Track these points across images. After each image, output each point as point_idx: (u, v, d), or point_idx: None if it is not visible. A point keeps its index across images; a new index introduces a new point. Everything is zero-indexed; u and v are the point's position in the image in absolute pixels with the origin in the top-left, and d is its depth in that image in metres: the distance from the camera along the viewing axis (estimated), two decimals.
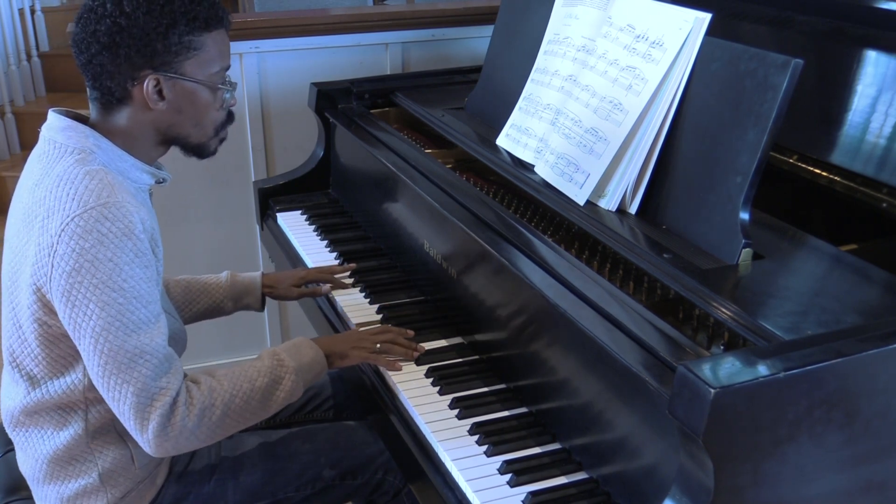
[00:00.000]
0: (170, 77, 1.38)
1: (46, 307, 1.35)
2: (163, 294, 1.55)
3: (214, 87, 1.43)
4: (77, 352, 1.38)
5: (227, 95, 1.46)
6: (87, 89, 1.41)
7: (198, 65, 1.39)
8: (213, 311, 1.82)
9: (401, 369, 1.58)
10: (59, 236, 1.30)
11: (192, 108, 1.42)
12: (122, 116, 1.41)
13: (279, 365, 1.48)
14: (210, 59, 1.41)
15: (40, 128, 1.43)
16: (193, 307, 1.79)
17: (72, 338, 1.35)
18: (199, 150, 1.49)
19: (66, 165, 1.35)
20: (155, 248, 1.40)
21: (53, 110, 1.43)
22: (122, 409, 1.34)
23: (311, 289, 1.89)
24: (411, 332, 1.65)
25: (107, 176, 1.34)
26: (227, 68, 1.45)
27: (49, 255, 1.31)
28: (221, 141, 1.51)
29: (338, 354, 1.58)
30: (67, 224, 1.30)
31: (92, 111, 1.44)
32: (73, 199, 1.31)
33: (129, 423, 1.35)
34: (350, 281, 1.90)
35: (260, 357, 1.50)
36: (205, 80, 1.41)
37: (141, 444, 1.37)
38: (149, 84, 1.36)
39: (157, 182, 1.50)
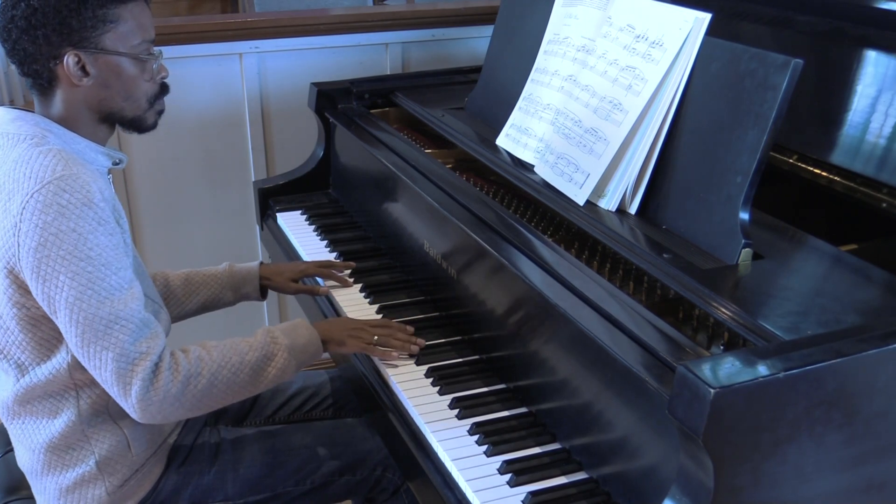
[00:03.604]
0: (90, 52, 1.39)
1: (21, 288, 1.36)
2: (150, 285, 1.57)
3: (138, 59, 1.43)
4: (60, 333, 1.39)
5: (156, 66, 1.47)
6: (24, 80, 1.43)
7: (117, 38, 1.40)
8: (214, 301, 1.83)
9: (395, 359, 1.59)
10: (21, 214, 1.32)
11: (118, 82, 1.43)
12: (58, 100, 1.43)
13: (272, 342, 1.50)
14: (129, 32, 1.41)
15: None
16: (194, 299, 1.80)
17: (48, 313, 1.36)
18: (136, 125, 1.49)
19: (22, 150, 1.36)
20: (119, 220, 1.41)
21: (0, 107, 1.44)
22: (105, 376, 1.35)
23: (310, 286, 1.88)
24: (411, 329, 1.65)
25: (61, 152, 1.36)
26: (151, 41, 1.46)
27: (14, 234, 1.32)
28: (159, 113, 1.52)
29: (335, 341, 1.60)
30: (27, 201, 1.31)
31: (35, 103, 1.45)
32: (30, 178, 1.32)
33: (112, 390, 1.37)
34: (351, 280, 1.90)
35: (254, 334, 1.52)
36: (126, 52, 1.41)
37: (126, 409, 1.38)
38: (69, 61, 1.38)
39: (115, 164, 1.50)
